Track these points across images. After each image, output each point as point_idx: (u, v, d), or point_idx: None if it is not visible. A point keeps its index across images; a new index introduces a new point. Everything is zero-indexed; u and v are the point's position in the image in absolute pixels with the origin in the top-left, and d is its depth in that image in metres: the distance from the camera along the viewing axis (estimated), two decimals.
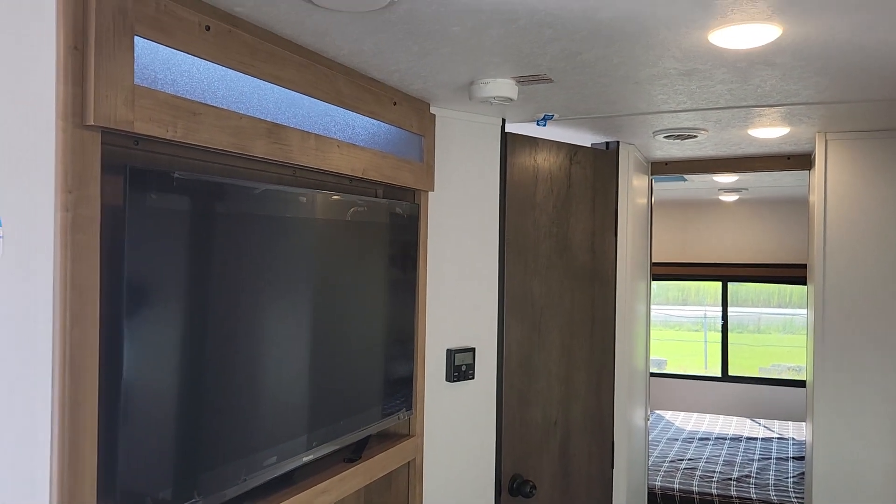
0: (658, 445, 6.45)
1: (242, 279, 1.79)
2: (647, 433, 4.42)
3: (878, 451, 3.20)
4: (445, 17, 1.71)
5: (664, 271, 7.54)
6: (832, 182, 3.25)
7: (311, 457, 2.08)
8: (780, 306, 14.43)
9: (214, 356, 1.71)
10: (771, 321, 14.82)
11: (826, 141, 3.23)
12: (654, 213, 5.08)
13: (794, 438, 6.76)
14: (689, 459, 6.01)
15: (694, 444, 6.49)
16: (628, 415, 3.72)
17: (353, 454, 2.43)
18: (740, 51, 1.91)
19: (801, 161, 3.87)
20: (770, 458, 6.09)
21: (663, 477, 5.58)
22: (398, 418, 2.57)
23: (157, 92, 1.49)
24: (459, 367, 2.86)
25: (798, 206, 6.75)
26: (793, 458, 6.12)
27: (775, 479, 5.54)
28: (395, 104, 2.41)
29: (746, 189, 6.12)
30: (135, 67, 1.43)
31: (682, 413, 7.83)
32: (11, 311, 1.36)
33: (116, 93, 1.39)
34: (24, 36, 1.35)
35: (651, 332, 4.45)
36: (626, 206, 3.58)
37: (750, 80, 2.26)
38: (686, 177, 5.28)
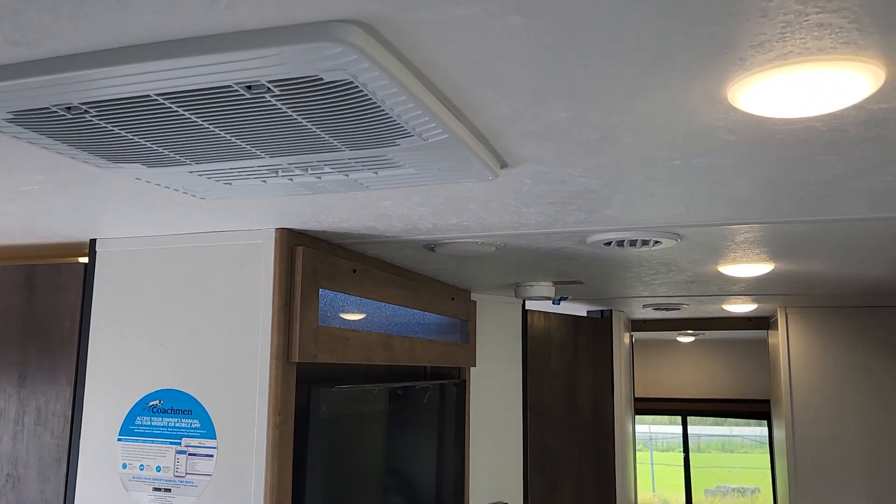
0: None
1: (367, 454, 2.19)
2: None
3: None
4: (524, 254, 2.25)
5: None
6: (794, 344, 3.87)
7: None
8: (716, 424, 14.97)
9: None
10: (710, 441, 15.24)
11: (787, 313, 3.88)
12: None
13: None
14: None
15: None
16: None
17: None
18: (738, 277, 2.51)
19: (760, 322, 4.52)
20: None
21: None
22: None
23: (329, 328, 1.94)
24: None
25: (748, 345, 7.45)
26: None
27: None
28: (452, 299, 2.92)
29: (703, 333, 6.79)
30: (318, 313, 1.89)
31: None
32: None
33: (309, 335, 1.84)
34: (249, 298, 1.80)
35: None
36: (619, 365, 4.11)
37: (736, 284, 2.87)
38: None
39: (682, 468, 8.58)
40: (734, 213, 1.61)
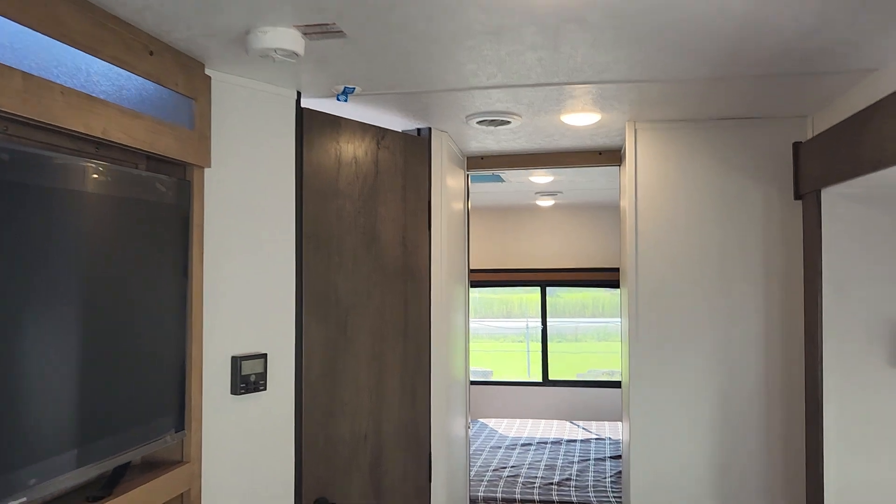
0: (482, 454, 6.31)
1: None
2: (468, 443, 4.20)
3: (693, 448, 3.16)
4: None
5: (484, 278, 7.50)
6: (642, 173, 3.21)
7: (36, 496, 1.57)
8: (594, 316, 15.23)
9: None
10: (587, 330, 15.60)
11: (636, 130, 3.18)
12: (473, 218, 4.92)
13: (610, 438, 6.92)
14: (512, 466, 5.91)
15: (517, 451, 6.42)
16: (447, 425, 3.46)
17: (102, 490, 1.93)
18: (550, 1, 1.70)
19: (611, 156, 3.85)
20: (589, 460, 6.14)
21: (486, 486, 5.41)
22: (165, 441, 2.10)
23: None
24: (248, 378, 2.43)
25: (611, 211, 6.97)
26: (610, 457, 6.23)
27: (594, 480, 5.57)
28: (151, 54, 1.97)
29: (561, 192, 6.19)
30: None
31: (506, 420, 7.81)
32: None
33: None
34: None
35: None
36: (440, 200, 3.34)
37: (561, 45, 2.08)
38: (503, 177, 5.20)
39: (551, 355, 8.25)
40: None
